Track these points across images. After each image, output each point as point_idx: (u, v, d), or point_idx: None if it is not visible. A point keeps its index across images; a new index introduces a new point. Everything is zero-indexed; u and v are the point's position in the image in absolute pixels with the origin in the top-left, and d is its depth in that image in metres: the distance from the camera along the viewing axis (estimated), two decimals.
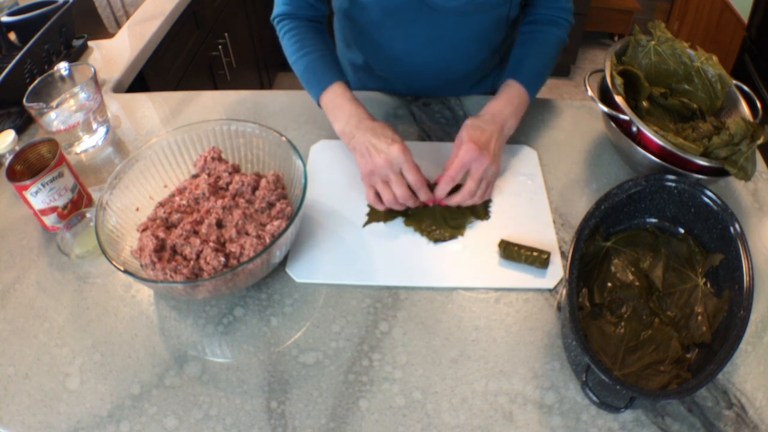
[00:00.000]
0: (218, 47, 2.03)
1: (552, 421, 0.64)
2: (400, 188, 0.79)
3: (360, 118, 0.84)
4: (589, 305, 0.71)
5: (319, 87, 0.88)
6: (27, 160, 0.81)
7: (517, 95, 0.89)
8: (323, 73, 0.89)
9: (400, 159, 0.78)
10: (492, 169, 0.81)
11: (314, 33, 0.93)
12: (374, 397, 0.66)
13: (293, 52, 0.92)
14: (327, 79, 0.88)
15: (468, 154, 0.79)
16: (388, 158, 0.78)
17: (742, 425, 0.63)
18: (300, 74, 0.92)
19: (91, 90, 0.99)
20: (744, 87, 0.89)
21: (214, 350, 0.71)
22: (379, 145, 0.79)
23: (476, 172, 0.80)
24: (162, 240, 0.73)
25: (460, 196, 0.82)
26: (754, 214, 0.86)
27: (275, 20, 0.97)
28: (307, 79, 0.90)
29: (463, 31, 0.94)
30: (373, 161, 0.79)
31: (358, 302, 0.75)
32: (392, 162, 0.78)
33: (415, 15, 0.91)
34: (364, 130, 0.81)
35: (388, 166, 0.78)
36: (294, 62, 0.93)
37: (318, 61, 0.90)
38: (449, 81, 1.05)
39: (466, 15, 0.91)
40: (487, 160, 0.80)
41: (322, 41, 0.93)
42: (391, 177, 0.79)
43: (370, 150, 0.80)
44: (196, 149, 0.86)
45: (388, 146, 0.78)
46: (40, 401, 0.67)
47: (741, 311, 0.63)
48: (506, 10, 0.93)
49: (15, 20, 1.27)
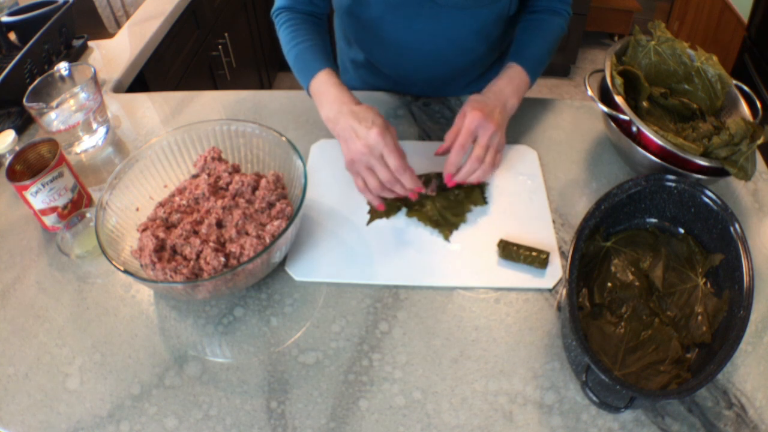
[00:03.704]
0: (218, 47, 2.03)
1: (552, 421, 0.64)
2: (383, 172, 0.77)
3: (342, 102, 0.82)
4: (589, 305, 0.71)
5: (307, 76, 0.88)
6: (27, 160, 0.81)
7: (517, 76, 0.89)
8: (311, 61, 0.88)
9: (379, 144, 0.75)
10: (498, 136, 0.81)
11: (310, 25, 0.93)
12: (374, 397, 0.66)
13: (287, 42, 0.92)
14: (314, 67, 0.87)
15: (474, 120, 0.79)
16: (366, 144, 0.76)
17: (742, 425, 0.63)
18: (292, 64, 0.92)
19: (91, 90, 0.99)
20: (744, 87, 0.89)
21: (214, 350, 0.71)
22: (359, 130, 0.77)
23: (483, 138, 0.80)
24: (162, 240, 0.73)
25: (468, 164, 0.80)
26: (754, 214, 0.86)
27: (274, 14, 0.97)
28: (298, 68, 0.90)
29: (464, 26, 0.95)
30: (353, 148, 0.77)
31: (358, 302, 0.75)
32: (372, 148, 0.76)
33: (417, 10, 0.91)
34: (346, 115, 0.79)
35: (368, 152, 0.76)
36: (287, 53, 0.92)
37: (308, 50, 0.89)
38: (449, 76, 1.06)
39: (468, 10, 0.91)
40: (493, 126, 0.80)
41: (317, 32, 0.93)
42: (372, 163, 0.77)
43: (351, 136, 0.78)
44: (196, 149, 0.86)
45: (367, 131, 0.76)
46: (40, 401, 0.67)
47: (741, 311, 0.63)
48: (507, 4, 0.94)
49: (15, 20, 1.27)
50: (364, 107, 0.80)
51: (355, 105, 0.81)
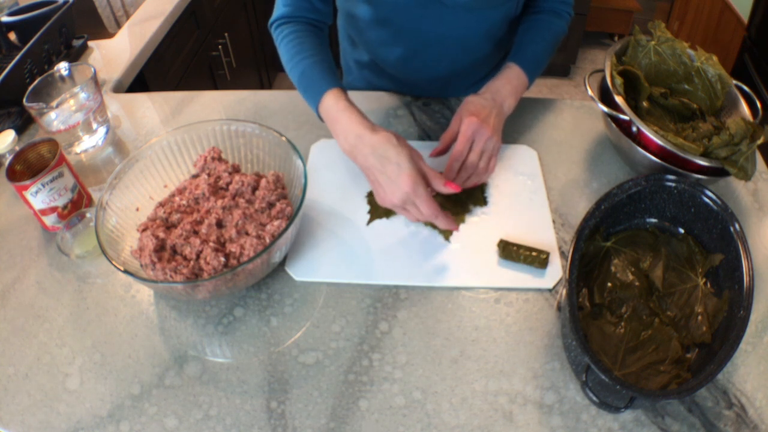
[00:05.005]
0: (218, 47, 2.03)
1: (552, 421, 0.64)
2: (417, 216, 0.76)
3: (357, 134, 0.77)
4: (589, 305, 0.71)
5: (315, 98, 0.84)
6: (27, 160, 0.81)
7: (516, 77, 0.90)
8: (318, 80, 0.84)
9: (410, 196, 0.73)
10: (493, 141, 0.82)
11: (312, 38, 0.89)
12: (374, 397, 0.66)
13: (290, 58, 0.88)
14: (321, 88, 0.83)
15: (470, 127, 0.80)
16: (397, 196, 0.74)
17: (742, 425, 0.63)
18: (296, 82, 0.88)
19: (91, 90, 0.99)
20: (744, 87, 0.89)
21: (214, 350, 0.71)
22: (385, 177, 0.74)
23: (478, 144, 0.81)
24: (162, 240, 0.73)
25: (464, 170, 0.81)
26: (754, 214, 0.86)
27: (273, 25, 0.93)
28: (303, 87, 0.86)
29: (472, 27, 0.95)
30: (386, 198, 0.76)
31: (358, 302, 0.75)
32: (404, 201, 0.74)
33: (425, 11, 0.91)
34: (365, 152, 0.76)
35: (399, 204, 0.75)
36: (290, 69, 0.88)
37: (313, 68, 0.85)
38: (454, 76, 1.06)
39: (475, 11, 0.92)
40: (488, 132, 0.81)
41: (319, 46, 0.89)
42: (407, 208, 0.76)
43: (378, 181, 0.76)
44: (196, 149, 0.86)
45: (395, 180, 0.73)
46: (40, 401, 0.67)
47: (741, 311, 0.63)
48: (514, 6, 0.94)
49: (15, 20, 1.27)
50: (383, 139, 0.75)
51: (372, 134, 0.76)
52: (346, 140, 0.79)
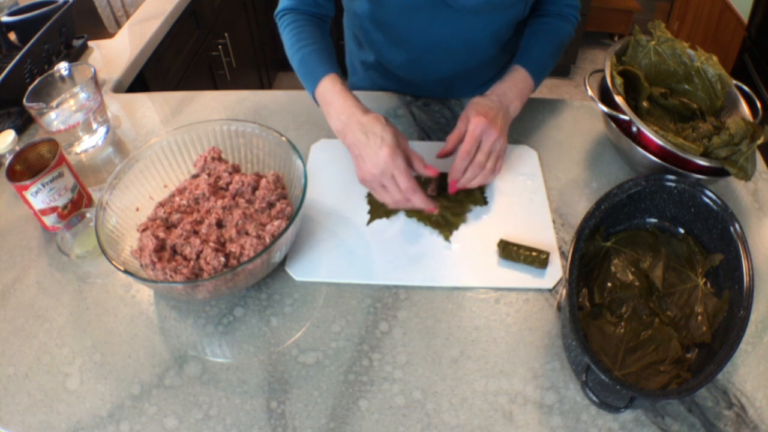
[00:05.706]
0: (218, 47, 2.03)
1: (552, 421, 0.64)
2: (394, 192, 0.77)
3: (350, 113, 0.80)
4: (589, 305, 0.71)
5: (312, 82, 0.87)
6: (27, 160, 0.81)
7: (522, 79, 0.90)
8: (316, 66, 0.87)
9: (389, 166, 0.75)
10: (500, 142, 0.82)
11: (314, 27, 0.93)
12: (374, 397, 0.66)
13: (291, 45, 0.91)
14: (318, 73, 0.86)
15: (478, 127, 0.80)
16: (377, 166, 0.76)
17: (742, 425, 0.63)
18: (296, 68, 0.91)
19: (91, 90, 0.99)
20: (744, 87, 0.89)
21: (214, 350, 0.71)
22: (368, 149, 0.76)
23: (485, 144, 0.81)
24: (162, 240, 0.73)
25: (470, 170, 0.81)
26: (754, 214, 0.86)
27: (278, 15, 0.96)
28: (302, 73, 0.89)
29: (479, 30, 0.95)
30: (364, 169, 0.77)
31: (358, 302, 0.75)
32: (382, 171, 0.75)
33: (432, 13, 0.91)
34: (354, 129, 0.79)
35: (378, 174, 0.76)
36: (291, 56, 0.91)
37: (312, 54, 0.88)
38: (461, 78, 1.06)
39: (483, 14, 0.91)
40: (496, 132, 0.80)
41: (320, 35, 0.92)
42: (384, 182, 0.77)
43: (361, 155, 0.77)
44: (196, 149, 0.86)
45: (376, 151, 0.75)
46: (40, 401, 0.67)
47: (741, 311, 0.63)
48: (521, 8, 0.94)
49: (15, 20, 1.27)
50: (372, 118, 0.78)
51: (363, 115, 0.79)
52: (338, 119, 0.82)
